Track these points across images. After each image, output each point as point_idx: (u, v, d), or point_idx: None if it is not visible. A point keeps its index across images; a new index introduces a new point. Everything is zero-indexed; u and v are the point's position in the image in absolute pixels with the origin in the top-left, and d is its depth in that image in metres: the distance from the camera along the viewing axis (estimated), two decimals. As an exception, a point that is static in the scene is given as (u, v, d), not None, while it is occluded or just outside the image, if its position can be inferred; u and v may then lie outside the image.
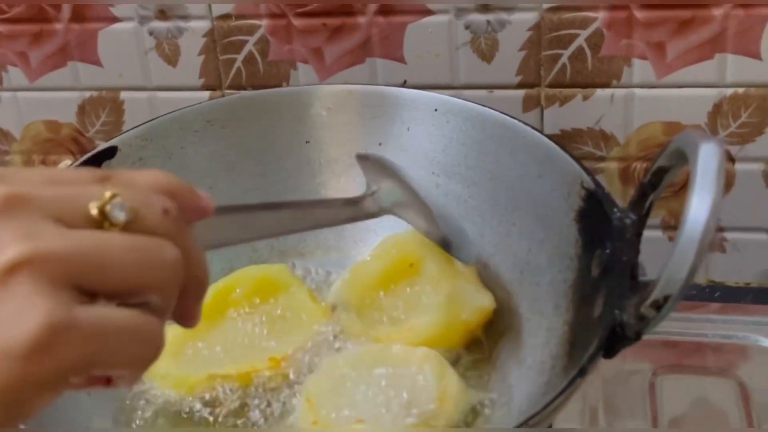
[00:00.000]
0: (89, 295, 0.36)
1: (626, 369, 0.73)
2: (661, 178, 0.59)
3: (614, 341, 0.55)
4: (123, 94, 0.93)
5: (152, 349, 0.38)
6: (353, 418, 0.61)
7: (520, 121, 0.70)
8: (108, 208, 0.37)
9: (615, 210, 0.60)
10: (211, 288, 0.67)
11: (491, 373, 0.66)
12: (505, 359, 0.66)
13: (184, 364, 0.66)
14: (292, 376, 0.65)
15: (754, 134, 0.84)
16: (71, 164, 0.71)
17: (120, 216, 0.37)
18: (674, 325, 0.76)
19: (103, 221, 0.37)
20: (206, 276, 0.42)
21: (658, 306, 0.53)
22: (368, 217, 0.61)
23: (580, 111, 0.85)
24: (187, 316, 0.41)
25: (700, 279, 0.90)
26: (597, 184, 0.63)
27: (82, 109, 0.94)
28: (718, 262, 0.90)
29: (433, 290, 0.69)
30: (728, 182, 0.86)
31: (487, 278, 0.70)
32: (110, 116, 0.93)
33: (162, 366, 0.64)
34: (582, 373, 0.53)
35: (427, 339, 0.66)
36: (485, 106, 0.71)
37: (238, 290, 0.71)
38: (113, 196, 0.37)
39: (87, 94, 0.93)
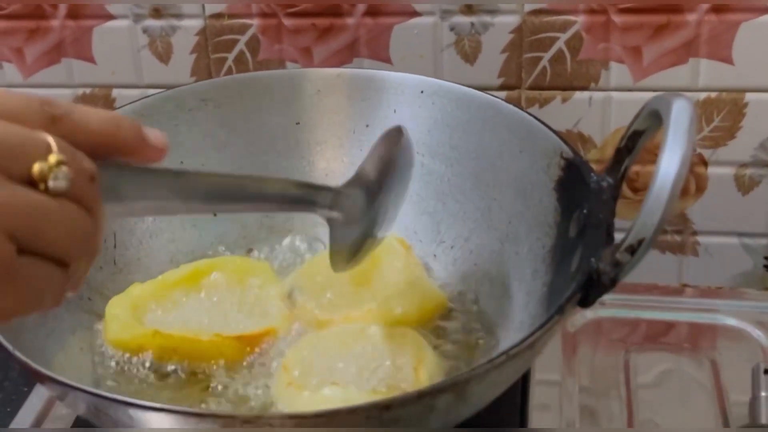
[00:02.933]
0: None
1: (602, 346, 0.75)
2: (636, 142, 0.62)
3: (590, 288, 0.56)
4: (115, 92, 0.95)
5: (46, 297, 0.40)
6: (328, 381, 0.62)
7: (502, 99, 0.72)
8: (51, 175, 0.38)
9: (592, 175, 0.63)
10: (191, 265, 0.69)
11: (471, 338, 0.68)
12: (486, 323, 0.68)
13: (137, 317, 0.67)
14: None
15: (726, 138, 0.86)
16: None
17: (61, 186, 0.39)
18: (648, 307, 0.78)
19: (40, 182, 0.38)
20: (99, 253, 0.43)
21: (632, 250, 0.55)
22: (312, 212, 0.56)
23: (559, 113, 0.87)
24: (73, 282, 0.42)
25: (673, 281, 0.92)
26: (575, 152, 0.65)
27: (75, 106, 0.96)
28: (691, 265, 0.92)
29: (392, 278, 0.70)
30: (701, 186, 0.89)
31: (468, 251, 0.72)
32: (101, 113, 0.95)
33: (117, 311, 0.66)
34: (560, 310, 0.54)
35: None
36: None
37: (215, 274, 0.72)
38: (58, 164, 0.38)
39: (80, 90, 0.96)
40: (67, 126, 0.41)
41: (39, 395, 0.73)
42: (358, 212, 0.57)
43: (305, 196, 0.54)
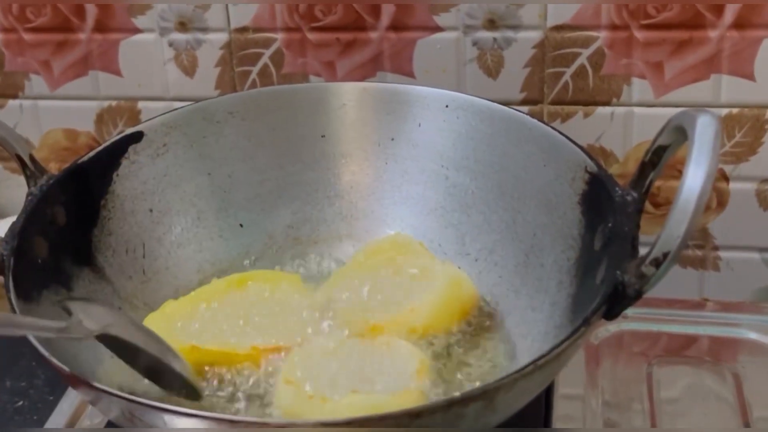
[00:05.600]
0: None
1: (625, 360, 0.75)
2: (660, 156, 0.62)
3: (615, 300, 0.57)
4: (141, 104, 0.96)
5: None
6: (334, 387, 0.62)
7: (527, 114, 0.73)
8: None
9: (617, 189, 0.63)
10: (223, 280, 0.70)
11: (496, 347, 0.68)
12: (510, 334, 0.69)
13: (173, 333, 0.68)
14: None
15: (748, 154, 0.87)
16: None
17: None
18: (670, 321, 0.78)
19: None
20: None
21: (657, 263, 0.55)
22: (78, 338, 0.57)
23: (581, 128, 0.88)
24: None
25: (694, 296, 0.93)
26: (600, 167, 0.66)
27: (101, 118, 0.97)
28: (712, 280, 0.92)
29: (426, 278, 0.71)
30: (722, 201, 0.89)
31: (493, 263, 0.73)
32: (127, 125, 0.96)
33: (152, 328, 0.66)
34: (586, 322, 0.55)
35: (429, 316, 0.68)
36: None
37: (248, 286, 0.72)
38: None
39: (105, 103, 0.97)
40: None
41: (69, 401, 0.74)
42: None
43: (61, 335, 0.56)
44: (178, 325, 0.68)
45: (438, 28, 0.87)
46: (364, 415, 0.49)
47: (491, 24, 0.86)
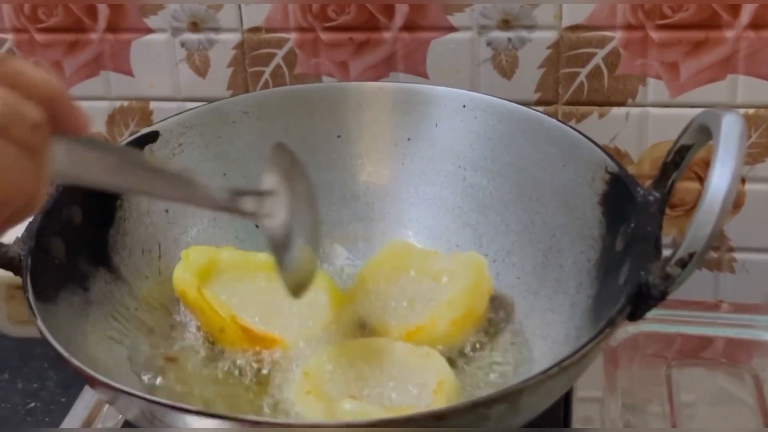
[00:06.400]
0: None
1: (642, 362, 0.75)
2: (683, 156, 0.62)
3: (640, 301, 0.57)
4: (153, 104, 0.96)
5: None
6: (346, 393, 0.62)
7: (544, 113, 0.73)
8: None
9: (638, 189, 0.63)
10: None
11: (515, 349, 0.68)
12: (530, 336, 0.68)
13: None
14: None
15: (764, 155, 0.86)
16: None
17: None
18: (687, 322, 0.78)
19: None
20: (42, 199, 0.43)
21: (683, 264, 0.55)
22: (239, 214, 0.55)
23: (596, 128, 0.88)
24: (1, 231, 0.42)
25: (709, 298, 0.92)
26: (620, 167, 0.66)
27: (112, 119, 0.97)
28: (727, 282, 0.92)
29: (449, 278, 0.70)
30: (738, 202, 0.89)
31: (511, 264, 0.72)
32: (139, 126, 0.96)
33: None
34: (611, 323, 0.54)
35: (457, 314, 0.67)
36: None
37: None
38: None
39: (117, 103, 0.96)
40: (13, 74, 0.41)
41: (84, 402, 0.73)
42: (284, 215, 0.57)
43: (229, 203, 0.54)
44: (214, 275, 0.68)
45: (452, 28, 0.87)
46: (389, 416, 0.48)
47: (506, 24, 0.86)
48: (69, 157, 0.44)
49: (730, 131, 0.55)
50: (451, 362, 0.66)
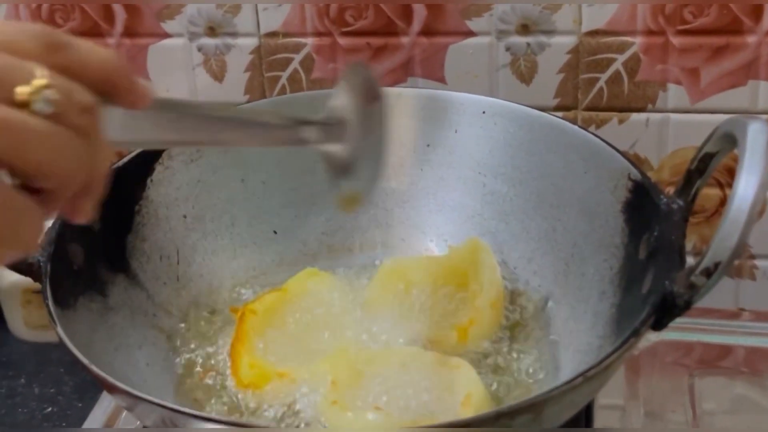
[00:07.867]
0: None
1: (663, 370, 0.74)
2: (707, 164, 0.61)
3: (664, 311, 0.56)
4: (169, 109, 0.95)
5: (24, 233, 0.39)
6: (371, 405, 0.61)
7: (566, 120, 0.72)
8: (35, 98, 0.38)
9: (662, 197, 0.62)
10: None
11: (537, 359, 0.67)
12: (552, 345, 0.67)
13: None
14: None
15: (785, 161, 0.85)
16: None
17: (44, 109, 0.39)
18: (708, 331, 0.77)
19: (26, 105, 0.38)
20: (105, 178, 0.42)
21: (708, 273, 0.54)
22: (301, 144, 0.53)
23: (616, 134, 0.87)
24: (76, 212, 0.42)
25: (730, 305, 0.91)
26: (643, 175, 0.65)
27: (128, 123, 0.96)
28: (748, 289, 0.91)
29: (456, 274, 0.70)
30: (760, 210, 0.88)
31: (532, 272, 0.71)
32: (155, 130, 0.95)
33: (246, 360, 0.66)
34: (636, 332, 0.54)
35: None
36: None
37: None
38: (44, 87, 0.38)
39: (134, 108, 0.96)
40: (67, 59, 0.41)
41: (102, 409, 0.73)
42: (349, 141, 0.54)
43: (292, 126, 0.52)
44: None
45: (470, 33, 0.86)
46: (411, 426, 0.48)
47: (525, 29, 0.85)
48: (124, 124, 0.44)
49: (755, 139, 0.54)
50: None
